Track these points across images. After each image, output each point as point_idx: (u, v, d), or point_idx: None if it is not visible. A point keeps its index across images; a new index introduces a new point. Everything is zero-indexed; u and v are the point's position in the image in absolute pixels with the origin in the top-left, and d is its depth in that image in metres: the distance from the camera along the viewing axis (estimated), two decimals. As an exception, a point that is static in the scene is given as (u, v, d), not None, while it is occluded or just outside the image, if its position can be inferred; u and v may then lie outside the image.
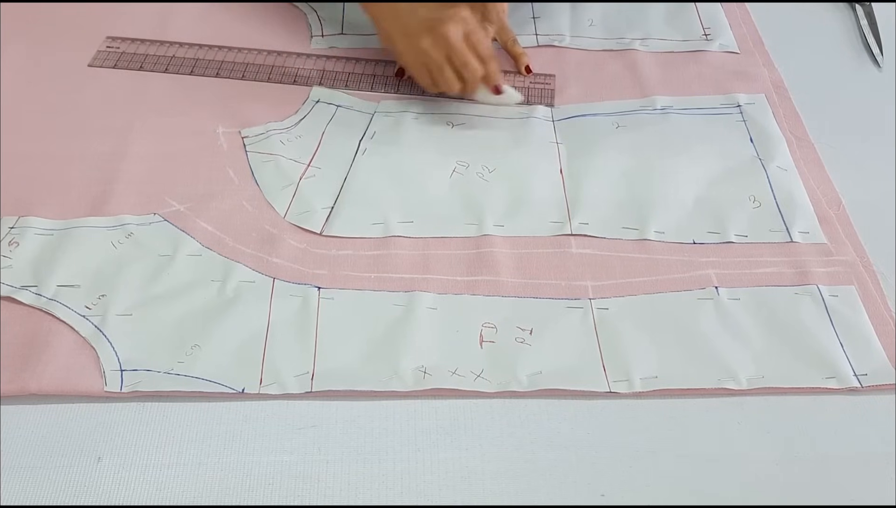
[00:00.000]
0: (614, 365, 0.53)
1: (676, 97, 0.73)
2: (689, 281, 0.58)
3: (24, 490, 0.47)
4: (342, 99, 0.72)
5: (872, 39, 0.80)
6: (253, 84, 0.73)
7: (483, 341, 0.54)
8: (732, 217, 0.62)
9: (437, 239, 0.61)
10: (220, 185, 0.64)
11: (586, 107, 0.72)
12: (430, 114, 0.71)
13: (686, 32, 0.80)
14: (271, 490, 0.47)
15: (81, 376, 0.52)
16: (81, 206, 0.62)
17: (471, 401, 0.52)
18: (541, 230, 0.62)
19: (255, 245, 0.60)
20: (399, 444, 0.50)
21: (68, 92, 0.72)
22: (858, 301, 0.57)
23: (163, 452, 0.49)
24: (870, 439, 0.50)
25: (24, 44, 0.77)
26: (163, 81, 0.74)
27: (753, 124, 0.70)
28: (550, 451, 0.49)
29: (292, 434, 0.50)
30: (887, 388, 0.52)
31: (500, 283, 0.58)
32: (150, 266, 0.58)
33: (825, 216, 0.63)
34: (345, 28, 0.80)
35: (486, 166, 0.66)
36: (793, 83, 0.75)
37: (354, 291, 0.57)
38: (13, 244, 0.59)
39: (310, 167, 0.66)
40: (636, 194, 0.64)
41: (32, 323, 0.54)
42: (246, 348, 0.53)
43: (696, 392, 0.52)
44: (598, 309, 0.56)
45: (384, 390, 0.52)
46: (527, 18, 0.81)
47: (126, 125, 0.69)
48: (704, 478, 0.48)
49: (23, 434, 0.50)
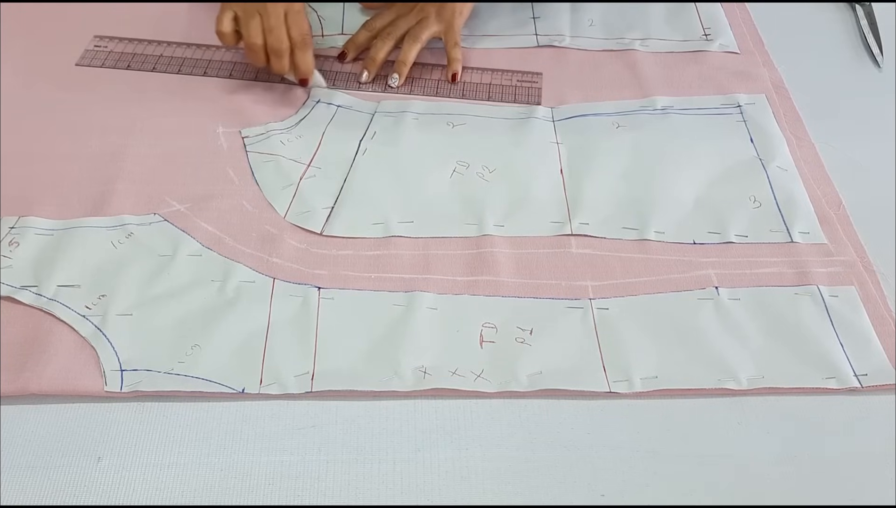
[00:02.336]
0: (614, 366, 0.53)
1: (676, 97, 0.73)
2: (690, 281, 0.58)
3: (24, 490, 0.47)
4: (342, 99, 0.72)
5: (872, 39, 0.80)
6: (253, 84, 0.73)
7: (483, 341, 0.54)
8: (732, 217, 0.62)
9: (438, 239, 0.61)
10: (220, 185, 0.64)
11: (586, 107, 0.72)
12: (430, 114, 0.71)
13: (686, 32, 0.81)
14: (271, 490, 0.47)
15: (81, 376, 0.51)
16: (81, 206, 0.62)
17: (471, 401, 0.52)
18: (541, 230, 0.62)
19: (256, 245, 0.60)
20: (399, 444, 0.50)
21: (69, 92, 0.72)
22: (858, 301, 0.57)
23: (163, 452, 0.49)
24: (870, 439, 0.50)
25: (23, 43, 0.77)
26: (163, 81, 0.74)
27: (753, 124, 0.70)
28: (550, 451, 0.49)
29: (292, 434, 0.50)
30: (887, 388, 0.52)
31: (500, 283, 0.58)
32: (151, 266, 0.58)
33: (825, 216, 0.63)
34: (345, 28, 0.80)
35: (486, 166, 0.66)
36: (793, 83, 0.75)
37: (354, 291, 0.57)
38: (13, 244, 0.59)
39: (310, 167, 0.66)
40: (636, 194, 0.64)
41: (32, 323, 0.54)
42: (246, 348, 0.53)
43: (696, 392, 0.52)
44: (598, 309, 0.56)
45: (384, 390, 0.52)
46: (527, 18, 0.81)
47: (127, 125, 0.69)
48: (704, 478, 0.48)
49: (23, 434, 0.50)
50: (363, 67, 0.74)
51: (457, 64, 0.74)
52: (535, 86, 0.74)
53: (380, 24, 0.76)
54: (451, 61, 0.75)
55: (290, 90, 0.73)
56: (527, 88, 0.74)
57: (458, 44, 0.75)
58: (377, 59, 0.74)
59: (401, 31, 0.75)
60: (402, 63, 0.74)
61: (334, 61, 0.76)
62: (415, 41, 0.74)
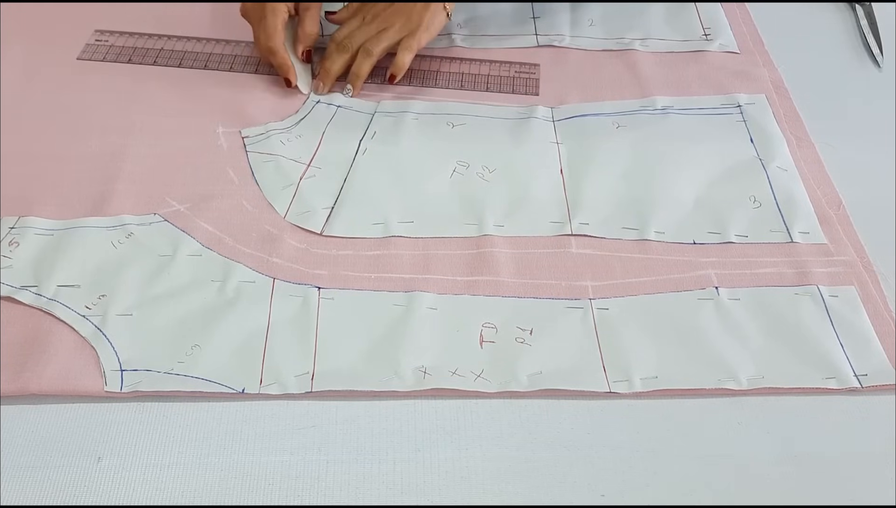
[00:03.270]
0: (614, 366, 0.53)
1: (676, 97, 0.73)
2: (690, 281, 0.58)
3: (24, 490, 0.47)
4: (342, 99, 0.72)
5: (872, 39, 0.80)
6: (252, 83, 0.73)
7: (483, 341, 0.54)
8: (732, 217, 0.62)
9: (438, 239, 0.61)
10: (220, 185, 0.64)
11: (586, 107, 0.72)
12: (430, 114, 0.71)
13: (686, 32, 0.81)
14: (271, 490, 0.47)
15: (81, 376, 0.51)
16: (81, 206, 0.62)
17: (471, 401, 0.52)
18: (541, 230, 0.62)
19: (256, 245, 0.60)
20: (399, 444, 0.50)
21: (69, 91, 0.72)
22: (858, 301, 0.57)
23: (163, 452, 0.49)
24: (870, 439, 0.50)
25: (21, 43, 0.77)
26: (163, 81, 0.74)
27: (753, 124, 0.70)
28: (550, 451, 0.49)
29: (292, 434, 0.50)
30: (887, 388, 0.52)
31: (500, 283, 0.58)
32: (151, 266, 0.58)
33: (825, 216, 0.63)
34: (345, 28, 0.80)
35: (486, 166, 0.66)
36: (793, 83, 0.75)
37: (354, 291, 0.57)
38: (13, 244, 0.59)
39: (310, 167, 0.66)
40: (636, 194, 0.64)
41: (32, 323, 0.54)
42: (246, 348, 0.53)
43: (696, 392, 0.52)
44: (598, 309, 0.56)
45: (384, 390, 0.52)
46: (527, 18, 0.82)
47: (127, 125, 0.69)
48: (704, 478, 0.48)
49: (23, 434, 0.50)
50: (318, 80, 0.72)
51: (396, 69, 0.72)
52: (533, 77, 0.74)
53: (339, 36, 0.73)
54: (394, 62, 0.72)
55: (289, 90, 0.73)
56: (525, 80, 0.74)
57: (412, 51, 0.72)
58: (331, 72, 0.72)
59: (357, 43, 0.72)
60: (355, 76, 0.72)
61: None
62: (367, 55, 0.71)
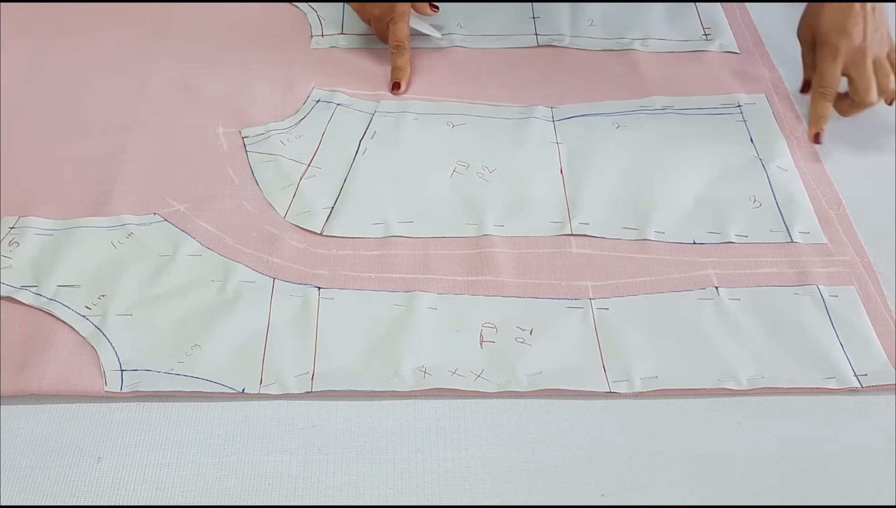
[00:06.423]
0: (614, 365, 0.53)
1: (676, 97, 0.73)
2: (690, 281, 0.58)
3: (24, 490, 0.47)
4: (342, 99, 0.72)
5: (872, 39, 0.79)
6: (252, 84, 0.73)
7: (483, 341, 0.54)
8: (732, 217, 0.62)
9: (438, 239, 0.61)
10: (220, 185, 0.64)
11: (586, 107, 0.72)
12: (430, 114, 0.71)
13: (686, 32, 0.81)
14: (271, 490, 0.47)
15: (81, 376, 0.51)
16: (81, 206, 0.62)
17: (471, 401, 0.52)
18: (541, 230, 0.62)
19: (256, 245, 0.60)
20: (399, 444, 0.50)
21: (68, 92, 0.72)
22: (858, 301, 0.57)
23: (163, 452, 0.49)
24: (870, 439, 0.50)
25: (22, 43, 0.77)
26: (163, 81, 0.74)
27: (753, 124, 0.70)
28: (550, 451, 0.49)
29: (292, 434, 0.50)
30: (887, 388, 0.52)
31: (500, 283, 0.58)
32: (151, 266, 0.58)
33: (825, 216, 0.63)
34: (345, 28, 0.80)
35: (486, 166, 0.66)
36: (793, 83, 0.75)
37: (354, 291, 0.57)
38: (13, 244, 0.59)
39: (310, 167, 0.66)
40: (636, 194, 0.64)
41: (32, 323, 0.54)
42: (246, 348, 0.53)
43: (696, 392, 0.52)
44: (598, 309, 0.56)
45: (384, 390, 0.52)
46: (527, 18, 0.81)
47: (127, 125, 0.69)
48: (704, 478, 0.48)
49: (23, 434, 0.50)
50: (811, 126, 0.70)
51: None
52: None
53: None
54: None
55: (290, 90, 0.73)
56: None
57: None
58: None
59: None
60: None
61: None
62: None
